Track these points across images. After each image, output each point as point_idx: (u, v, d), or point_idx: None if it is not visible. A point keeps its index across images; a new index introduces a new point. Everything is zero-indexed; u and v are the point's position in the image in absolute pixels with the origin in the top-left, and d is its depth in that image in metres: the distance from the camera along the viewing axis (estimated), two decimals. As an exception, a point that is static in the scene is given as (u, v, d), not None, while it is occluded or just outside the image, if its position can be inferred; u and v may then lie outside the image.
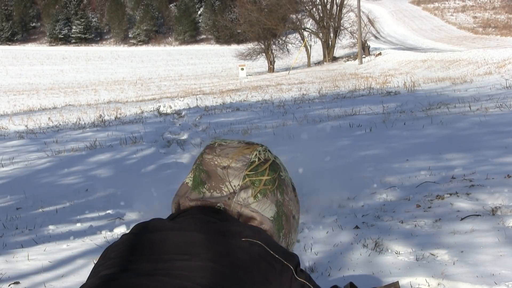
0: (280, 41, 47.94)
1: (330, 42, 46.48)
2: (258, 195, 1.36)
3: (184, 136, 8.11)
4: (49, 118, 12.13)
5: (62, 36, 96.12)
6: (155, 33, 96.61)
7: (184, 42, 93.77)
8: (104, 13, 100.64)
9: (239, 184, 1.36)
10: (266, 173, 1.38)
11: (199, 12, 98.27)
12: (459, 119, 7.07)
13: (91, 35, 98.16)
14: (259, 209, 1.35)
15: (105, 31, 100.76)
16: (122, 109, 14.11)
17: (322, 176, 4.74)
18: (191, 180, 1.40)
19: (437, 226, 3.16)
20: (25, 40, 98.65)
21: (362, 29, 38.58)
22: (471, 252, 2.70)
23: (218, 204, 1.36)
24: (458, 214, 3.32)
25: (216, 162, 1.39)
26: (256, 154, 1.40)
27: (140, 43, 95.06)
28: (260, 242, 1.24)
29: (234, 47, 69.30)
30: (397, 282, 2.07)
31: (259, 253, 1.22)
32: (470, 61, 20.23)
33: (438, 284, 2.41)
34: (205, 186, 1.38)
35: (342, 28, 47.12)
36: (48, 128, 10.37)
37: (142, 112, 12.49)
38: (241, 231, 1.25)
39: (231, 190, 1.36)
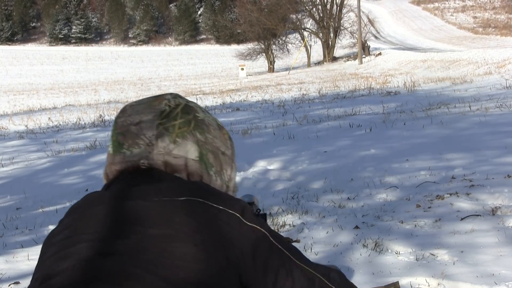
0: (280, 41, 47.89)
1: (330, 42, 46.43)
2: (177, 139, 1.35)
3: (184, 136, 8.11)
4: (49, 118, 12.12)
5: (62, 36, 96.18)
6: (155, 33, 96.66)
7: (184, 42, 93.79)
8: (104, 13, 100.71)
9: (153, 134, 1.36)
10: (179, 117, 1.38)
11: (199, 12, 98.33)
12: (459, 119, 7.07)
13: (91, 35, 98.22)
14: (182, 153, 1.35)
15: (105, 31, 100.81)
16: (122, 109, 14.08)
17: (322, 176, 4.75)
18: (110, 147, 1.41)
19: (437, 226, 3.16)
20: (25, 40, 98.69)
21: (362, 29, 38.54)
22: (471, 252, 2.70)
23: (142, 161, 1.35)
24: (458, 214, 3.32)
25: (128, 122, 1.39)
26: (165, 103, 1.40)
27: (140, 43, 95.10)
28: (200, 198, 1.20)
29: (234, 47, 69.31)
30: (397, 282, 2.07)
31: (203, 210, 1.18)
32: (470, 61, 20.22)
33: (438, 284, 2.41)
34: (124, 146, 1.38)
35: (342, 28, 47.07)
36: (48, 128, 10.37)
37: (142, 112, 12.47)
38: (181, 192, 1.20)
39: (147, 141, 1.36)
